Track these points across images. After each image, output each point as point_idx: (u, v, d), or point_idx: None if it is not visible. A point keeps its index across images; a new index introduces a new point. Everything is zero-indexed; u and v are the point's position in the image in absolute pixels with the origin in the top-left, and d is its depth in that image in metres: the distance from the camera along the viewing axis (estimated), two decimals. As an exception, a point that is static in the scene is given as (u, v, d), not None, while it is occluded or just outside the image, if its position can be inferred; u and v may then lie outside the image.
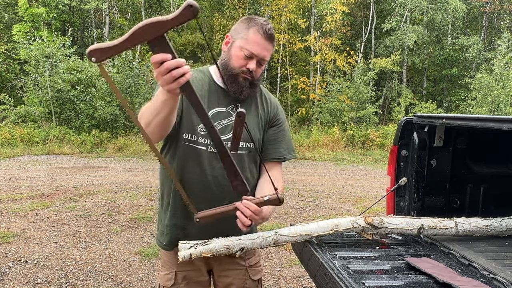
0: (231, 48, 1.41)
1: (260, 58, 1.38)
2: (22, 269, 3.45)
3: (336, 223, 1.64)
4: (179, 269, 1.53)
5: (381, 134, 14.43)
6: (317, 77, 18.19)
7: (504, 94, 14.20)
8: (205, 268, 1.58)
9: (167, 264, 1.56)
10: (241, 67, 1.37)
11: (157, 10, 20.42)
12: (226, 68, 1.40)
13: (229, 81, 1.40)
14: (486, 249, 1.81)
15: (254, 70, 1.38)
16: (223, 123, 1.44)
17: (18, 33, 14.59)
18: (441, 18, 18.30)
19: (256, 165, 1.53)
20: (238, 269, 1.58)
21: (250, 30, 1.37)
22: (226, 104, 1.45)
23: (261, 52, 1.37)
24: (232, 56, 1.39)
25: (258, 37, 1.35)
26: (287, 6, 17.36)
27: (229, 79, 1.40)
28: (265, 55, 1.38)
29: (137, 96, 13.29)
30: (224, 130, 1.43)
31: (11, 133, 11.59)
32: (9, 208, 5.31)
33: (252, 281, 1.60)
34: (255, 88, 1.44)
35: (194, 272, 1.55)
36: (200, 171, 1.42)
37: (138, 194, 6.32)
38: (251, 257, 1.62)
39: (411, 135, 2.21)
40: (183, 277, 1.54)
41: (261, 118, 1.52)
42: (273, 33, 1.39)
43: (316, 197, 6.61)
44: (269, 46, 1.39)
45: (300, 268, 3.58)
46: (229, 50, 1.41)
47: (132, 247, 4.04)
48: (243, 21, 1.42)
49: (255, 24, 1.37)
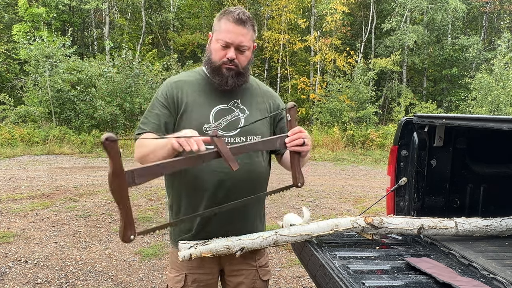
0: (210, 44, 1.45)
1: (237, 44, 1.38)
2: (22, 269, 3.45)
3: (336, 223, 1.65)
4: (190, 271, 1.51)
5: (381, 134, 14.43)
6: (317, 77, 18.18)
7: (504, 94, 14.19)
8: (217, 268, 1.56)
9: (177, 266, 1.54)
10: (221, 58, 1.40)
11: (157, 10, 20.41)
12: (209, 63, 1.44)
13: (213, 75, 1.43)
14: (486, 249, 1.81)
15: (234, 58, 1.39)
16: (227, 119, 1.44)
17: (18, 33, 14.58)
18: (441, 18, 18.28)
19: (265, 157, 1.53)
20: (249, 270, 1.58)
21: (221, 21, 1.40)
22: (226, 101, 1.46)
23: (235, 39, 1.37)
24: (211, 50, 1.43)
25: (229, 25, 1.38)
26: (287, 6, 17.36)
27: (213, 72, 1.43)
28: (241, 40, 1.38)
29: (137, 96, 13.28)
30: (230, 126, 1.44)
31: (11, 133, 11.59)
32: (9, 208, 5.31)
33: (261, 281, 1.60)
34: (242, 77, 1.44)
35: (204, 275, 1.53)
36: (211, 169, 1.41)
37: (138, 194, 6.32)
38: (261, 258, 1.62)
39: (411, 135, 2.21)
40: (193, 280, 1.52)
41: (267, 110, 1.54)
42: (243, 17, 1.38)
43: (316, 197, 6.61)
44: (243, 30, 1.38)
45: (300, 268, 3.58)
46: (208, 47, 1.46)
47: (132, 247, 4.04)
48: (218, 16, 1.45)
49: (225, 14, 1.40)
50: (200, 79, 1.49)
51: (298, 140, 1.28)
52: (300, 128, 1.30)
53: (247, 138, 1.44)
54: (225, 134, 1.42)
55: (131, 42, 19.33)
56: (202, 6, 20.55)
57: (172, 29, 20.96)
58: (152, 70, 14.71)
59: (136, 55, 14.30)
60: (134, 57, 13.95)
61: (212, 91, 1.46)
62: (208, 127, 1.41)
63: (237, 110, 1.47)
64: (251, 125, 1.42)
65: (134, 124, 13.30)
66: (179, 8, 21.26)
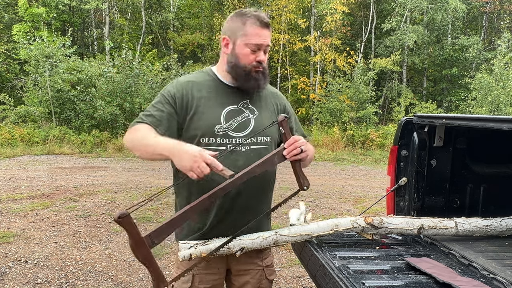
0: (234, 48, 1.41)
1: (265, 47, 1.41)
2: (22, 269, 3.45)
3: (336, 223, 1.65)
4: (197, 272, 1.51)
5: (381, 134, 14.42)
6: (317, 77, 18.18)
7: (504, 94, 14.18)
8: (224, 268, 1.57)
9: (184, 266, 1.52)
10: (251, 62, 1.40)
11: (157, 10, 20.41)
12: (237, 69, 1.42)
13: (244, 80, 1.42)
14: (486, 249, 1.81)
15: (264, 61, 1.42)
16: (238, 120, 1.45)
17: (18, 33, 14.58)
18: (441, 18, 18.28)
19: None
20: (256, 269, 1.59)
21: (246, 24, 1.39)
22: (236, 102, 1.47)
23: (264, 42, 1.40)
24: (239, 55, 1.40)
25: (257, 29, 1.38)
26: (287, 6, 17.35)
27: (244, 77, 1.42)
28: (268, 43, 1.42)
29: (137, 96, 13.28)
30: (240, 127, 1.45)
31: (11, 133, 11.59)
32: (9, 208, 5.31)
33: (267, 281, 1.61)
34: (267, 77, 1.48)
35: (212, 275, 1.53)
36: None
37: (138, 194, 6.32)
38: (267, 257, 1.63)
39: (411, 135, 2.21)
40: (200, 280, 1.52)
41: (275, 111, 1.56)
42: (268, 21, 1.41)
43: (316, 197, 6.61)
44: (268, 32, 1.42)
45: (300, 268, 3.58)
46: (233, 52, 1.42)
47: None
48: (235, 19, 1.43)
49: (249, 17, 1.39)
50: (210, 80, 1.49)
51: (296, 150, 1.31)
52: (294, 138, 1.32)
53: (257, 139, 1.46)
54: (236, 135, 1.43)
55: (131, 42, 19.32)
56: (202, 6, 20.53)
57: (172, 29, 20.97)
58: (152, 70, 14.71)
59: (136, 55, 14.30)
60: (134, 57, 13.95)
61: (222, 92, 1.47)
62: (219, 128, 1.41)
63: (247, 111, 1.47)
64: (261, 126, 1.45)
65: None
66: (179, 8, 21.27)
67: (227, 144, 1.41)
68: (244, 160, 1.40)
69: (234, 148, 1.41)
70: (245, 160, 1.41)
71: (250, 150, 1.44)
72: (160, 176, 7.95)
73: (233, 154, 1.40)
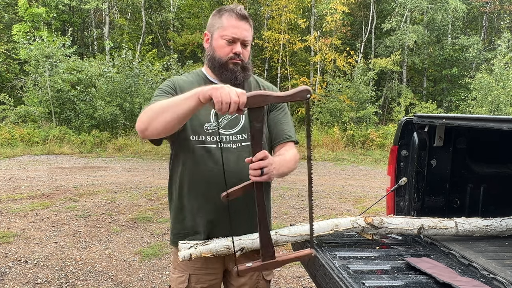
0: (211, 41, 1.45)
1: (242, 39, 1.41)
2: (22, 269, 3.45)
3: (336, 223, 1.65)
4: (194, 272, 1.51)
5: (381, 134, 14.43)
6: (317, 77, 18.18)
7: (504, 94, 14.19)
8: (221, 268, 1.57)
9: (181, 267, 1.54)
10: (227, 54, 1.41)
11: (157, 10, 20.40)
12: (213, 61, 1.44)
13: (220, 71, 1.43)
14: (486, 249, 1.81)
15: (241, 53, 1.41)
16: (227, 117, 1.46)
17: (18, 33, 14.58)
18: (441, 18, 18.28)
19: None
20: None
21: (222, 17, 1.41)
22: None
23: (241, 34, 1.40)
24: (215, 48, 1.43)
25: (232, 21, 1.39)
26: (287, 6, 17.35)
27: (220, 69, 1.43)
28: (245, 35, 1.41)
29: (137, 96, 13.28)
30: (231, 124, 1.45)
31: (11, 133, 11.59)
32: (9, 208, 5.31)
33: (265, 282, 1.61)
34: (247, 72, 1.46)
35: (208, 275, 1.53)
36: (215, 167, 1.42)
37: (138, 194, 6.31)
38: None
39: (411, 135, 2.21)
40: (197, 280, 1.52)
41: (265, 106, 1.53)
42: (245, 13, 1.41)
43: (316, 197, 6.60)
44: (246, 25, 1.41)
45: (300, 268, 3.58)
46: (210, 45, 1.46)
47: (132, 247, 4.04)
48: (214, 14, 1.46)
49: (226, 11, 1.42)
50: (200, 80, 1.51)
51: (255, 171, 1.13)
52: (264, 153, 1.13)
53: (248, 135, 1.45)
54: (226, 133, 1.43)
55: (131, 42, 19.32)
56: (202, 6, 20.54)
57: (172, 29, 20.96)
58: (152, 70, 14.71)
59: (136, 55, 14.31)
60: (134, 57, 13.96)
61: None
62: (208, 126, 1.43)
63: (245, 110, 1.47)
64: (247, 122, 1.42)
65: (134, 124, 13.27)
66: (179, 8, 21.25)
67: (217, 142, 1.42)
68: (236, 157, 1.41)
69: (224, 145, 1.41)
70: (236, 157, 1.41)
71: (242, 147, 1.44)
72: (160, 176, 7.95)
73: (224, 151, 1.41)
